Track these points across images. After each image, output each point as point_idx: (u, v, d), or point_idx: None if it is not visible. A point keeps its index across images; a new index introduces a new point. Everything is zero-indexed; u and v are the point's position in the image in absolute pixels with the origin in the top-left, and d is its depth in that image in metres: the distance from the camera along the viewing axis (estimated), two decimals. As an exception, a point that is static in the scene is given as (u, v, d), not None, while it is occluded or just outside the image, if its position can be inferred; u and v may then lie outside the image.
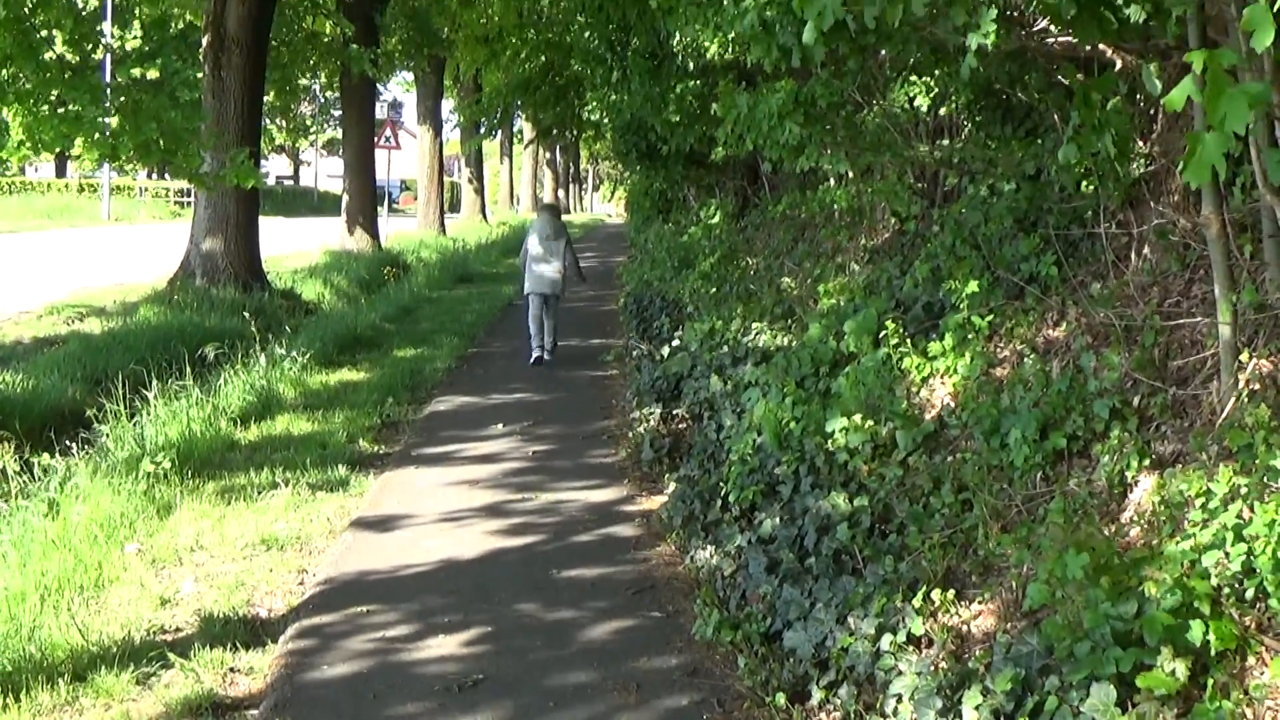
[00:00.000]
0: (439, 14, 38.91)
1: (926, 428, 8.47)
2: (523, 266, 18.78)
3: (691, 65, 17.05)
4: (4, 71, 11.07)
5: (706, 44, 13.61)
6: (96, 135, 12.98)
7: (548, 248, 18.40)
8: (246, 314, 18.25)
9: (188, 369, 13.76)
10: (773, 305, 13.98)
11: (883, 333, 9.81)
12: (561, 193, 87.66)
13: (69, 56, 13.53)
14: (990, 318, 8.84)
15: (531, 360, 18.06)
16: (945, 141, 12.46)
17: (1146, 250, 8.07)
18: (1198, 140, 3.88)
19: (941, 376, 9.03)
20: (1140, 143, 8.48)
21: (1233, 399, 5.99)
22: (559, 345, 18.71)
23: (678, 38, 14.98)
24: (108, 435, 11.63)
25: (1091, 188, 8.47)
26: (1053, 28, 7.36)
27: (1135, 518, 6.03)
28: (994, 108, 11.31)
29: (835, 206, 14.15)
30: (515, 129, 64.74)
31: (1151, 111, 8.48)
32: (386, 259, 31.76)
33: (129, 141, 13.17)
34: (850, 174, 12.79)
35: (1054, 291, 8.72)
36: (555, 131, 43.62)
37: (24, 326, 19.75)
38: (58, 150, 14.85)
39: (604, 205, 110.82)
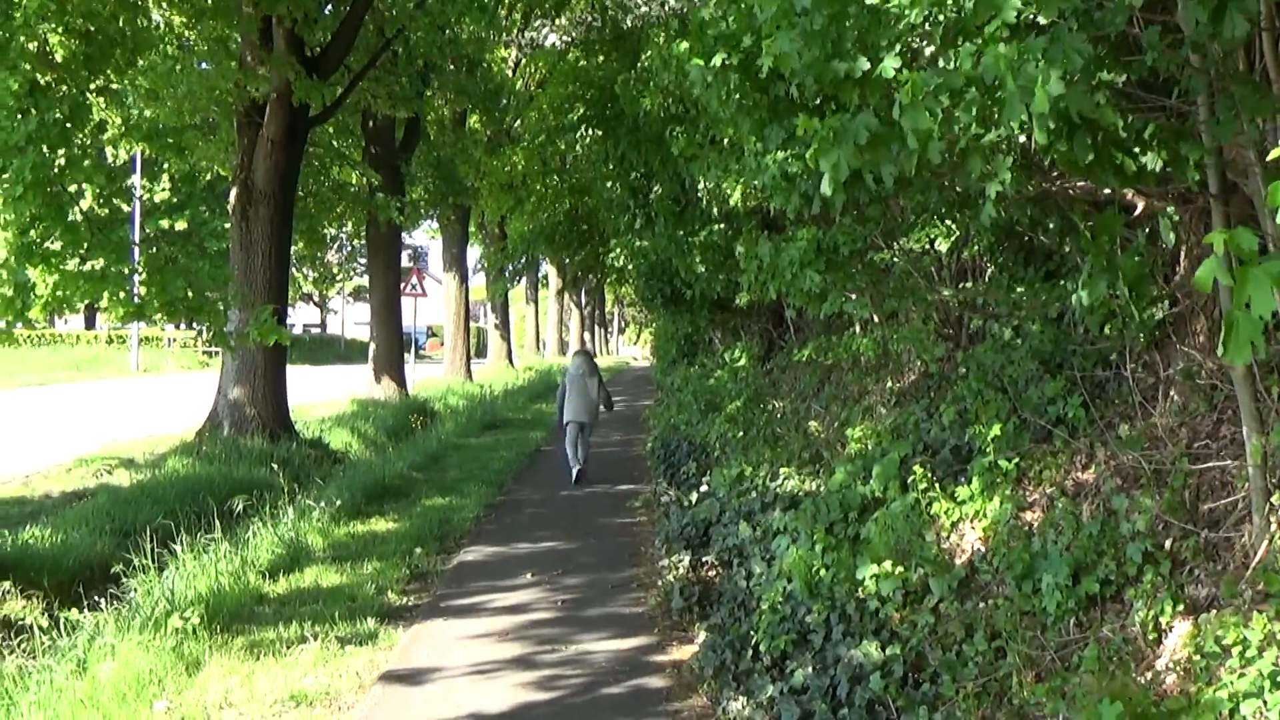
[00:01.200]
0: (464, 162, 39.41)
1: (958, 574, 8.41)
2: (560, 399, 21.94)
3: (715, 210, 17.22)
4: (32, 232, 11.18)
5: (729, 191, 13.75)
6: (122, 294, 13.10)
7: (583, 383, 21.68)
8: (274, 465, 18.29)
9: (216, 521, 13.77)
10: (800, 449, 13.97)
11: (911, 477, 9.79)
12: (587, 335, 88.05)
13: (98, 211, 13.70)
14: (1018, 461, 8.82)
15: (574, 478, 21.00)
16: (968, 284, 12.51)
17: (1173, 392, 8.06)
18: (1233, 320, 3.88)
19: (971, 521, 8.99)
20: (1163, 284, 8.50)
21: (1265, 542, 5.95)
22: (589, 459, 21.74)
23: (701, 184, 15.14)
24: (136, 590, 11.61)
25: (1116, 330, 8.47)
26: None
27: (1171, 665, 5.97)
28: (1016, 249, 11.36)
29: (861, 353, 14.18)
30: (540, 274, 65.27)
31: (1174, 252, 8.51)
32: (414, 407, 31.82)
33: (155, 300, 13.29)
34: (875, 319, 12.84)
35: (1082, 433, 8.71)
36: (580, 276, 43.96)
37: (53, 480, 19.81)
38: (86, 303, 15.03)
39: (630, 348, 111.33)
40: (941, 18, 5.81)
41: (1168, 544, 6.77)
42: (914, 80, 5.63)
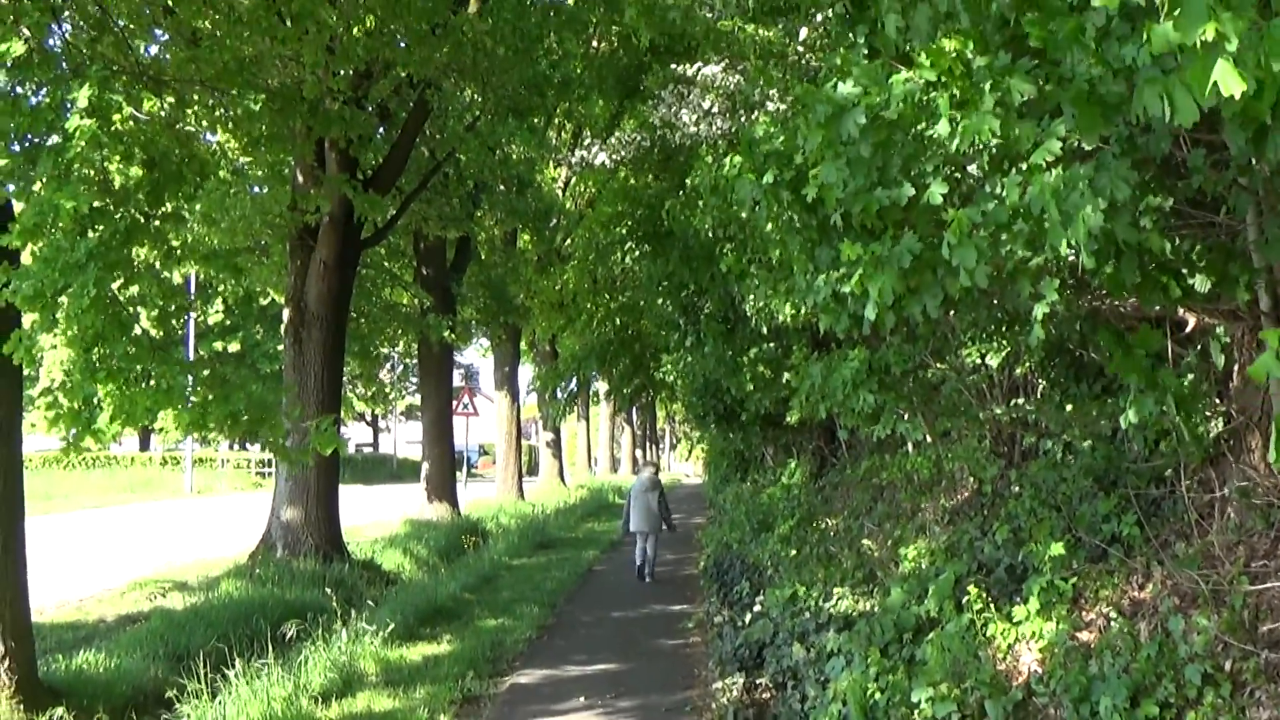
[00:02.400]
0: (514, 281, 39.68)
1: (1014, 696, 8.30)
2: (626, 512, 24.48)
3: (764, 328, 17.25)
4: (95, 351, 11.30)
5: (778, 309, 13.79)
6: (185, 407, 13.20)
7: (645, 499, 23.95)
8: (327, 587, 18.30)
9: (269, 645, 13.76)
10: (854, 568, 13.86)
11: (966, 597, 9.70)
12: (639, 452, 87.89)
13: (154, 332, 13.84)
14: (1074, 580, 8.73)
15: (638, 575, 23.91)
16: (1020, 401, 12.47)
17: (1230, 509, 7.99)
18: (1280, 424, 3.86)
19: (1027, 642, 8.89)
20: (1218, 400, 8.45)
21: (1327, 665, 5.86)
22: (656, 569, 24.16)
23: (750, 302, 15.18)
24: (189, 716, 11.60)
25: (1170, 447, 8.42)
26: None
27: (1234, 791, 5.86)
28: (1067, 365, 11.33)
29: (914, 470, 14.12)
30: (592, 390, 65.34)
31: (1228, 369, 8.47)
32: (466, 527, 31.79)
33: (217, 413, 13.38)
34: (928, 438, 12.80)
35: (1138, 552, 8.62)
36: (631, 393, 43.99)
37: (108, 603, 19.87)
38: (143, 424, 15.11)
39: (682, 464, 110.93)
40: (984, 146, 5.83)
41: (1227, 665, 6.67)
42: (960, 218, 5.65)
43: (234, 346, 57.50)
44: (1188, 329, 8.16)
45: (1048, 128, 5.48)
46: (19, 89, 11.29)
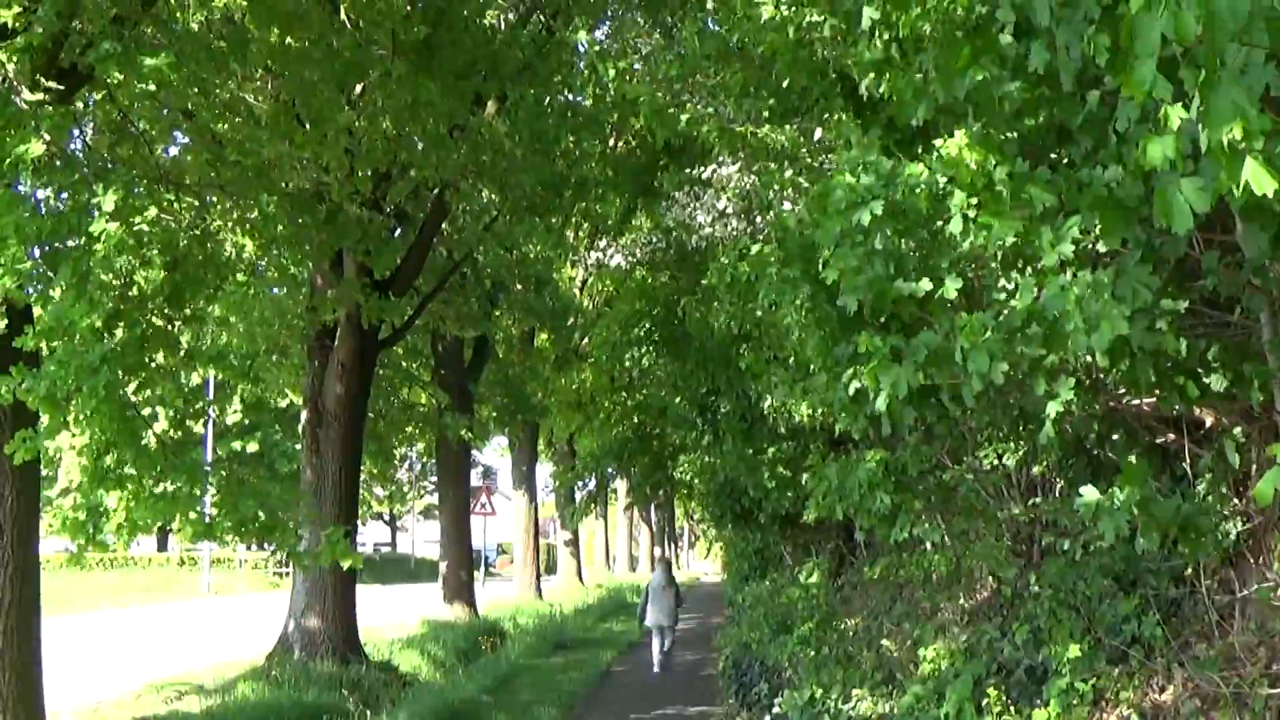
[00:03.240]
0: (532, 380, 39.73)
1: (1036, 800, 8.21)
2: (643, 606, 25.45)
3: (782, 428, 17.24)
4: (107, 458, 11.30)
5: (795, 408, 13.78)
6: (194, 514, 13.19)
7: (661, 593, 25.00)
8: (344, 689, 18.18)
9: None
10: (873, 669, 13.75)
11: (985, 699, 9.61)
12: (658, 550, 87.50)
13: (171, 433, 13.86)
14: (1094, 682, 8.65)
15: (655, 667, 24.86)
16: (1038, 500, 12.41)
17: (1251, 610, 7.93)
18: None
19: (1048, 745, 8.79)
20: (1236, 500, 8.41)
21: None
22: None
23: (768, 401, 15.20)
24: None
25: (1189, 547, 8.36)
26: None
27: None
28: (1085, 465, 11.28)
29: (932, 569, 14.05)
30: (610, 488, 65.22)
31: (1246, 468, 8.43)
32: (484, 627, 31.62)
33: (226, 521, 13.38)
34: (946, 540, 12.74)
35: (1158, 653, 8.55)
36: (649, 491, 43.89)
37: (125, 707, 19.75)
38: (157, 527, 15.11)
39: (700, 562, 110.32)
40: (998, 247, 5.85)
41: (1251, 769, 6.59)
42: (972, 323, 5.67)
43: (252, 446, 57.55)
44: (1205, 428, 8.13)
45: (1061, 229, 5.51)
46: (40, 193, 11.41)
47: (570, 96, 23.37)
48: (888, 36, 7.10)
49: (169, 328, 11.92)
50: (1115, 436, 9.40)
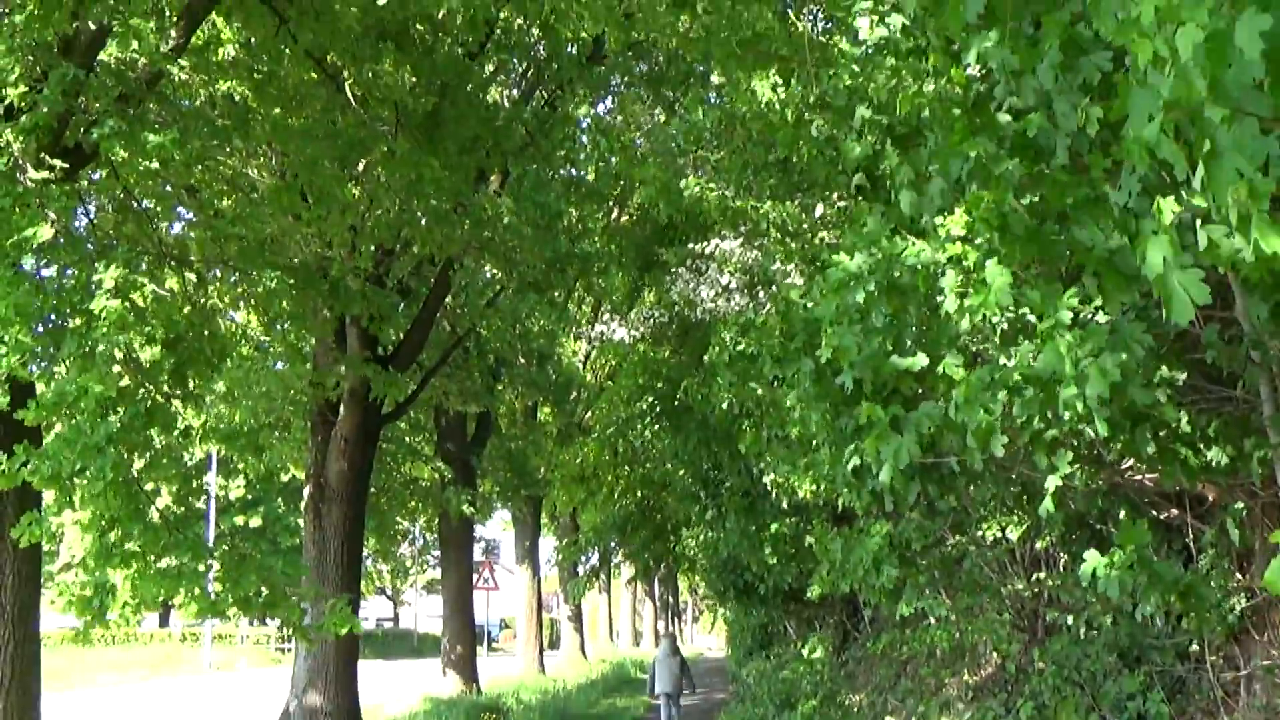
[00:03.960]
0: (535, 454, 39.71)
1: None
2: (651, 675, 26.53)
3: (785, 503, 17.21)
4: (112, 534, 11.28)
5: (798, 484, 13.77)
6: (198, 590, 13.13)
7: (668, 663, 25.79)
8: (345, 768, 18.07)
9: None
10: (877, 747, 13.68)
11: (991, 779, 9.55)
12: (662, 624, 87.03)
13: (174, 509, 13.84)
14: (1101, 761, 8.60)
15: None
16: (1041, 574, 12.38)
17: (1257, 686, 7.88)
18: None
19: (1054, 823, 8.72)
20: (1240, 575, 8.39)
21: None
22: None
23: (770, 477, 15.18)
24: None
25: (1194, 623, 8.33)
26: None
27: None
28: (1088, 539, 11.25)
29: (936, 644, 13.98)
30: (614, 563, 65.08)
31: (1250, 546, 8.41)
32: (486, 704, 31.37)
33: (230, 597, 13.34)
34: (951, 615, 12.69)
35: (1164, 731, 8.49)
36: (653, 565, 43.74)
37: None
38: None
39: (704, 636, 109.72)
40: (995, 324, 5.87)
41: None
42: (968, 380, 5.69)
43: (255, 521, 57.48)
44: (1208, 503, 8.12)
45: (1059, 298, 5.52)
46: (44, 271, 11.44)
47: (573, 171, 23.52)
48: (879, 131, 7.18)
49: (169, 404, 11.91)
50: (1118, 511, 9.39)
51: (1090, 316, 5.77)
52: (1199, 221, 4.00)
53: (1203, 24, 3.48)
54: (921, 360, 6.22)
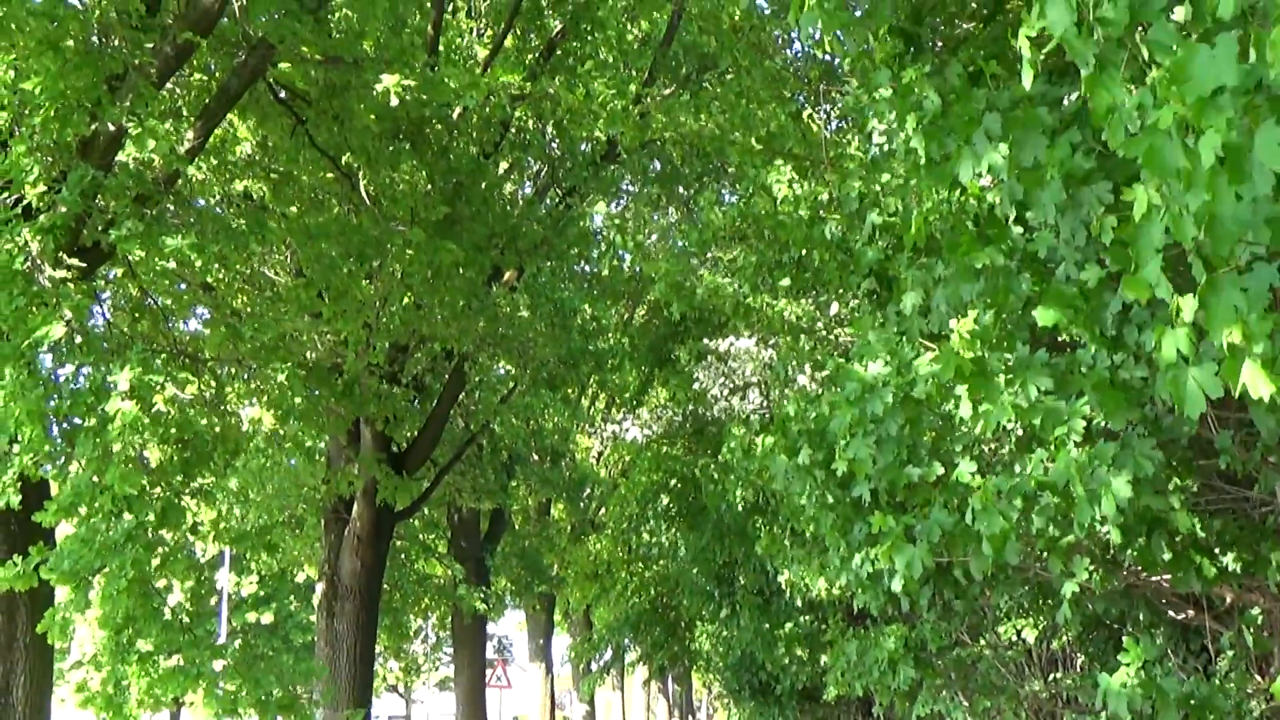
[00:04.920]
0: (549, 551, 39.58)
1: None
2: None
3: (800, 601, 17.12)
4: (125, 633, 11.25)
5: (813, 583, 13.71)
6: (204, 687, 13.05)
7: None
8: None
9: None
10: None
11: None
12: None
13: (187, 606, 13.79)
14: None
15: None
16: (1058, 674, 12.27)
17: (1279, 791, 7.79)
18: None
19: None
20: (1259, 677, 8.32)
21: None
22: None
23: (785, 575, 15.12)
24: None
25: (1214, 728, 8.24)
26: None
27: None
28: (1105, 639, 11.18)
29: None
30: (628, 661, 64.63)
31: (1267, 650, 8.34)
32: (499, 806, 31.16)
33: (247, 700, 13.27)
34: (967, 716, 12.58)
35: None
36: (666, 663, 43.46)
37: None
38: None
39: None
40: (1007, 430, 5.88)
41: None
42: (986, 486, 5.68)
43: (267, 618, 57.18)
44: (1226, 604, 8.06)
45: (1071, 408, 5.53)
46: (60, 372, 11.49)
47: (587, 268, 23.63)
48: (890, 237, 7.24)
49: (179, 501, 11.92)
50: (1137, 612, 9.33)
51: (1104, 425, 5.76)
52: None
53: (1221, 130, 3.49)
54: (937, 469, 6.22)
